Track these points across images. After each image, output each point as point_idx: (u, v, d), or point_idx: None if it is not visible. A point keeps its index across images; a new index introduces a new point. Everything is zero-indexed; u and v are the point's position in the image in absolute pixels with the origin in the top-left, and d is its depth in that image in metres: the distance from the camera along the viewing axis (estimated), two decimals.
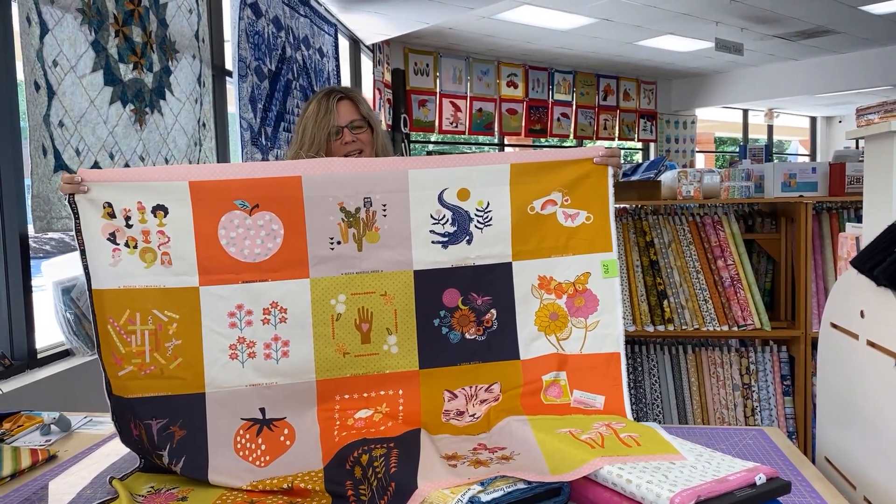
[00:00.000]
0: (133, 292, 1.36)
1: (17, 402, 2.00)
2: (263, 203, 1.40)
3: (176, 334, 1.37)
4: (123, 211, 1.36)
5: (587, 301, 1.46)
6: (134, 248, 1.37)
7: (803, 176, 2.90)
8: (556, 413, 1.40)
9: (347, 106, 1.73)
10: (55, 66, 2.25)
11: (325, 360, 1.41)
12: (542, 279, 1.48)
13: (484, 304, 1.47)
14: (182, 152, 3.00)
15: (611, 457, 1.10)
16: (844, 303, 1.35)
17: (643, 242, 2.86)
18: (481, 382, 1.47)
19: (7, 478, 1.35)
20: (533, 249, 1.48)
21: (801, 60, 9.07)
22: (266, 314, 1.40)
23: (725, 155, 12.86)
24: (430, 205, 1.46)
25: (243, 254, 1.40)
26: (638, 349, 2.90)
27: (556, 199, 1.49)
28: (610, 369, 1.43)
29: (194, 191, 1.38)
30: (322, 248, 1.42)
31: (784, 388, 2.84)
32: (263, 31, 3.94)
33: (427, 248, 1.45)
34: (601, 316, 1.46)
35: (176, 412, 1.36)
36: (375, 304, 1.43)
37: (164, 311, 1.37)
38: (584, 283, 1.46)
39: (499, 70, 8.45)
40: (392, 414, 1.42)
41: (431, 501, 1.06)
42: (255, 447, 1.36)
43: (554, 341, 1.47)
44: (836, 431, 1.39)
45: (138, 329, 1.36)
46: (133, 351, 1.36)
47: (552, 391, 1.45)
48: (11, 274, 2.19)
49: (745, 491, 0.99)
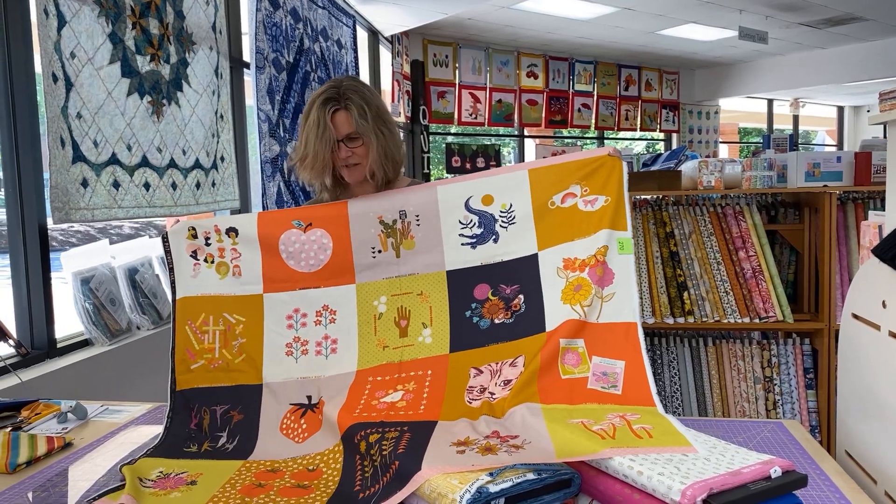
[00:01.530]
0: (209, 299, 1.61)
1: (37, 391, 2.03)
2: (316, 222, 1.64)
3: (242, 333, 1.60)
4: (204, 233, 1.64)
5: (605, 272, 1.49)
6: (211, 263, 1.62)
7: (828, 165, 2.84)
8: (572, 396, 1.37)
9: (342, 118, 1.67)
10: (73, 57, 2.26)
11: (367, 353, 1.58)
12: (566, 261, 1.53)
13: (512, 291, 1.56)
14: (199, 144, 3.01)
15: (621, 448, 1.08)
16: (866, 293, 1.31)
17: (663, 233, 2.83)
18: (506, 357, 1.50)
19: (24, 464, 1.37)
20: (557, 237, 1.55)
21: (827, 49, 8.90)
22: (318, 316, 1.60)
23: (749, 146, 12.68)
24: (457, 212, 1.62)
25: (300, 265, 1.62)
26: (657, 341, 2.87)
27: (576, 191, 1.56)
28: (628, 337, 1.44)
29: (260, 216, 1.67)
30: (365, 257, 1.62)
31: (807, 382, 2.79)
32: (281, 23, 3.94)
33: (457, 250, 1.61)
34: (616, 289, 1.48)
35: (236, 400, 1.55)
36: (413, 302, 1.60)
37: (232, 315, 1.61)
38: (603, 254, 1.50)
39: (519, 61, 8.39)
40: (416, 400, 1.45)
41: (440, 491, 1.05)
42: (298, 426, 1.50)
43: (578, 309, 1.48)
44: (857, 424, 1.36)
45: (211, 329, 1.60)
46: (205, 347, 1.58)
47: (570, 359, 1.43)
48: (31, 264, 2.22)
49: (760, 484, 0.97)
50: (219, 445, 1.47)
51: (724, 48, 8.71)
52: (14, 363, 2.10)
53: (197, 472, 1.33)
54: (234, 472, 1.33)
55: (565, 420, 1.25)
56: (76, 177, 2.27)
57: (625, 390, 1.37)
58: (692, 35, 7.98)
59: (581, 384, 1.40)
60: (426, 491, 1.08)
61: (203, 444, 1.47)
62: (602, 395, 1.38)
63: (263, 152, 3.72)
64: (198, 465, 1.36)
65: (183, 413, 1.53)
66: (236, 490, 1.25)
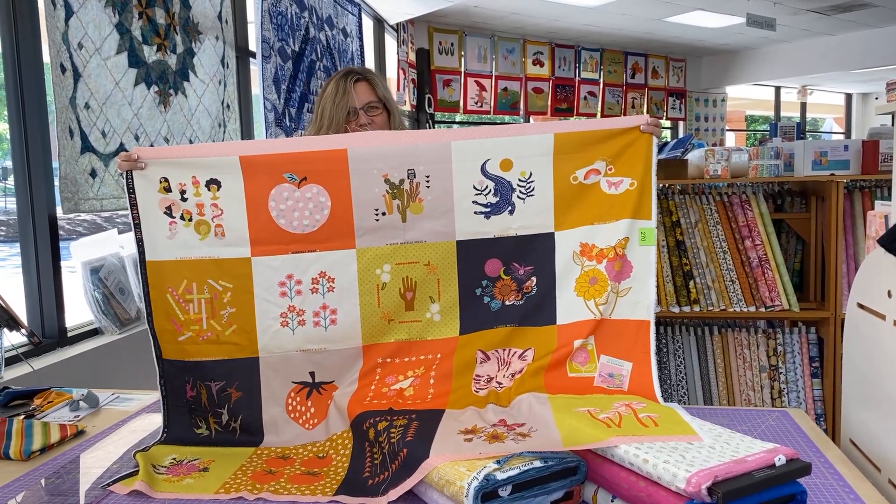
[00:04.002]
0: (190, 263, 1.45)
1: (47, 379, 2.05)
2: (311, 176, 1.45)
3: (230, 302, 1.45)
4: (179, 185, 1.44)
5: (623, 266, 1.45)
6: (189, 221, 1.44)
7: (835, 154, 2.82)
8: (577, 392, 1.40)
9: (364, 87, 1.72)
10: (80, 48, 2.27)
11: (371, 326, 1.47)
12: (583, 246, 1.48)
13: (525, 273, 1.49)
14: (206, 133, 3.02)
15: (627, 436, 1.09)
16: (871, 283, 1.32)
17: (669, 222, 2.82)
18: (516, 347, 1.48)
19: (37, 452, 1.39)
20: (576, 218, 1.48)
21: (836, 35, 8.82)
22: (315, 283, 1.46)
23: (756, 134, 12.61)
24: (472, 175, 1.47)
25: (292, 225, 1.46)
26: (663, 330, 2.88)
27: (600, 168, 1.47)
28: (639, 336, 1.42)
29: (245, 165, 1.44)
30: (367, 219, 1.46)
31: (812, 370, 2.79)
32: (286, 12, 3.94)
33: (470, 219, 1.48)
34: (633, 283, 1.45)
35: (232, 375, 1.45)
36: (419, 273, 1.48)
37: (218, 281, 1.45)
38: (623, 247, 1.45)
39: (524, 48, 8.35)
40: (423, 386, 1.44)
41: (448, 478, 1.06)
42: (305, 409, 1.44)
43: (592, 307, 1.46)
44: (862, 413, 1.37)
45: (195, 298, 1.45)
46: (191, 318, 1.45)
47: (579, 357, 1.44)
48: (41, 254, 2.23)
49: (764, 472, 0.98)
50: (224, 423, 1.44)
51: (731, 35, 8.64)
52: (26, 352, 2.12)
53: (209, 458, 1.35)
54: (246, 459, 1.35)
55: (571, 409, 1.26)
56: (85, 167, 2.29)
57: (630, 390, 1.39)
58: (699, 22, 7.92)
59: (587, 382, 1.41)
60: (434, 478, 1.09)
61: (209, 419, 1.45)
62: (607, 390, 1.40)
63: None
64: (210, 452, 1.38)
65: (175, 381, 1.45)
66: (247, 476, 1.26)
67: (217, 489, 1.21)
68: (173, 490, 1.22)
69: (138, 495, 1.20)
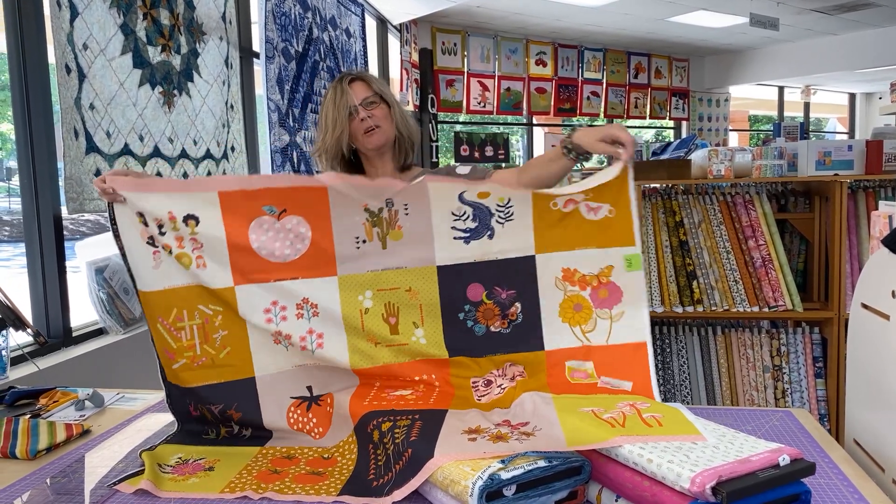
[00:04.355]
0: (177, 291, 1.44)
1: (52, 379, 2.06)
2: (291, 208, 1.44)
3: (222, 325, 1.44)
4: (156, 221, 1.42)
5: (611, 293, 1.44)
6: (170, 253, 1.43)
7: (839, 154, 2.82)
8: (581, 392, 1.40)
9: (360, 85, 1.79)
10: (85, 49, 2.28)
11: (359, 349, 1.46)
12: (565, 271, 1.46)
13: (508, 297, 1.47)
14: (210, 134, 3.03)
15: (631, 436, 1.09)
16: (875, 283, 1.32)
17: (672, 222, 2.83)
18: (499, 365, 1.48)
19: (43, 451, 1.40)
20: (556, 242, 1.45)
21: (839, 35, 8.80)
22: (299, 309, 1.45)
23: (760, 133, 12.59)
24: (450, 202, 1.46)
25: (274, 255, 1.44)
26: (666, 330, 2.88)
27: (578, 198, 1.45)
28: (637, 358, 1.41)
29: (224, 200, 1.43)
30: (349, 247, 1.46)
31: (816, 370, 2.79)
32: (290, 12, 3.94)
33: (449, 244, 1.46)
34: (625, 307, 1.44)
35: (231, 397, 1.44)
36: (401, 299, 1.46)
37: (208, 305, 1.44)
38: (607, 275, 1.44)
39: (527, 48, 8.35)
40: (426, 393, 1.45)
41: (452, 478, 1.07)
42: (308, 420, 1.44)
43: (579, 333, 1.45)
44: (866, 413, 1.37)
45: (187, 325, 1.44)
46: (184, 345, 1.44)
47: (577, 374, 1.44)
48: (46, 254, 2.24)
49: (769, 472, 0.98)
50: (235, 432, 1.47)
51: (734, 35, 8.64)
52: (31, 351, 2.13)
53: (215, 458, 1.35)
54: (251, 459, 1.35)
55: (576, 409, 1.26)
56: (90, 167, 2.30)
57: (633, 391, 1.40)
58: (702, 22, 7.91)
59: (590, 386, 1.42)
60: (439, 478, 1.10)
61: (220, 427, 1.47)
62: (612, 390, 1.40)
63: (273, 142, 3.73)
64: (216, 452, 1.39)
65: (179, 402, 1.48)
66: (252, 476, 1.27)
67: (222, 489, 1.22)
68: (178, 489, 1.22)
69: (144, 494, 1.20)
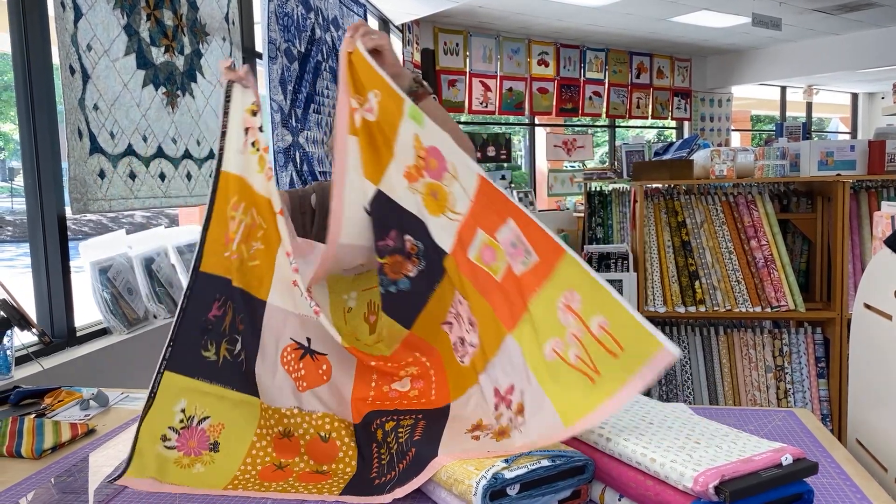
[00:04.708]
0: (245, 184, 1.45)
1: (57, 378, 2.07)
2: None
3: (262, 239, 1.44)
4: (259, 119, 1.44)
5: (436, 158, 1.38)
6: (256, 150, 1.44)
7: (841, 154, 2.83)
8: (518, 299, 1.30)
9: None
10: (89, 50, 2.28)
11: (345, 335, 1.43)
12: (406, 174, 1.41)
13: (394, 238, 1.42)
14: (213, 134, 3.04)
15: (614, 396, 1.08)
16: (878, 283, 1.32)
17: (675, 223, 2.83)
18: (448, 301, 1.41)
19: (49, 450, 1.40)
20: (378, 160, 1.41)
21: (842, 35, 8.80)
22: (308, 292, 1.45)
23: (762, 133, 12.58)
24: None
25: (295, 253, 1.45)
26: (669, 330, 2.88)
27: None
28: (489, 193, 1.35)
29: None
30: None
31: (819, 371, 2.79)
32: (293, 13, 3.95)
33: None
34: (452, 160, 1.38)
35: (242, 306, 1.43)
36: (376, 295, 1.47)
37: (258, 215, 1.43)
38: (421, 146, 1.38)
39: (529, 48, 8.36)
40: (426, 387, 1.43)
41: (456, 477, 1.07)
42: (297, 368, 1.42)
43: (449, 214, 1.39)
44: (868, 413, 1.37)
45: (238, 216, 1.43)
46: (230, 236, 1.44)
47: (487, 256, 1.36)
48: (51, 254, 2.25)
49: (771, 471, 0.98)
50: (234, 353, 1.41)
51: (736, 35, 8.64)
52: (35, 351, 2.14)
53: (219, 422, 1.34)
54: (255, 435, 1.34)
55: (541, 352, 1.21)
56: (94, 168, 2.30)
57: (538, 251, 1.30)
58: (704, 22, 7.92)
59: (510, 275, 1.33)
60: (443, 477, 1.10)
61: (221, 344, 1.41)
62: (531, 277, 1.30)
63: (276, 142, 3.74)
64: (219, 406, 1.36)
65: (202, 296, 1.42)
66: (256, 471, 1.28)
67: (225, 485, 1.23)
68: (182, 481, 1.23)
69: (148, 493, 1.21)
